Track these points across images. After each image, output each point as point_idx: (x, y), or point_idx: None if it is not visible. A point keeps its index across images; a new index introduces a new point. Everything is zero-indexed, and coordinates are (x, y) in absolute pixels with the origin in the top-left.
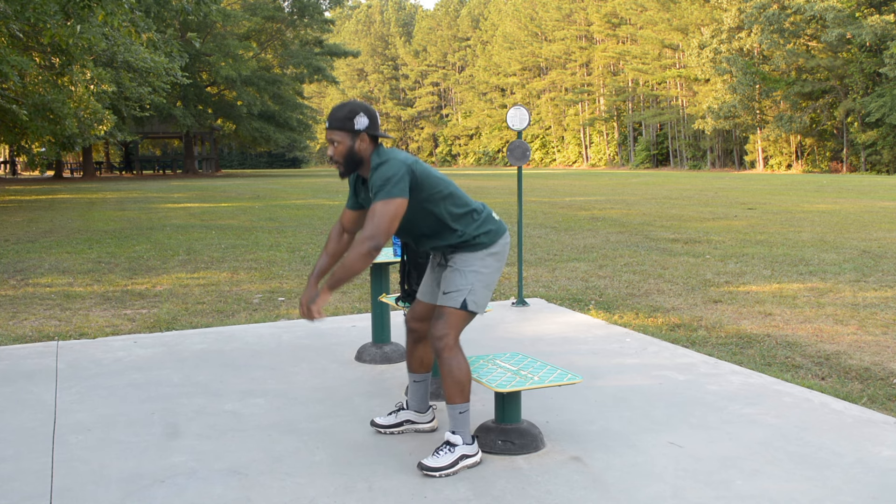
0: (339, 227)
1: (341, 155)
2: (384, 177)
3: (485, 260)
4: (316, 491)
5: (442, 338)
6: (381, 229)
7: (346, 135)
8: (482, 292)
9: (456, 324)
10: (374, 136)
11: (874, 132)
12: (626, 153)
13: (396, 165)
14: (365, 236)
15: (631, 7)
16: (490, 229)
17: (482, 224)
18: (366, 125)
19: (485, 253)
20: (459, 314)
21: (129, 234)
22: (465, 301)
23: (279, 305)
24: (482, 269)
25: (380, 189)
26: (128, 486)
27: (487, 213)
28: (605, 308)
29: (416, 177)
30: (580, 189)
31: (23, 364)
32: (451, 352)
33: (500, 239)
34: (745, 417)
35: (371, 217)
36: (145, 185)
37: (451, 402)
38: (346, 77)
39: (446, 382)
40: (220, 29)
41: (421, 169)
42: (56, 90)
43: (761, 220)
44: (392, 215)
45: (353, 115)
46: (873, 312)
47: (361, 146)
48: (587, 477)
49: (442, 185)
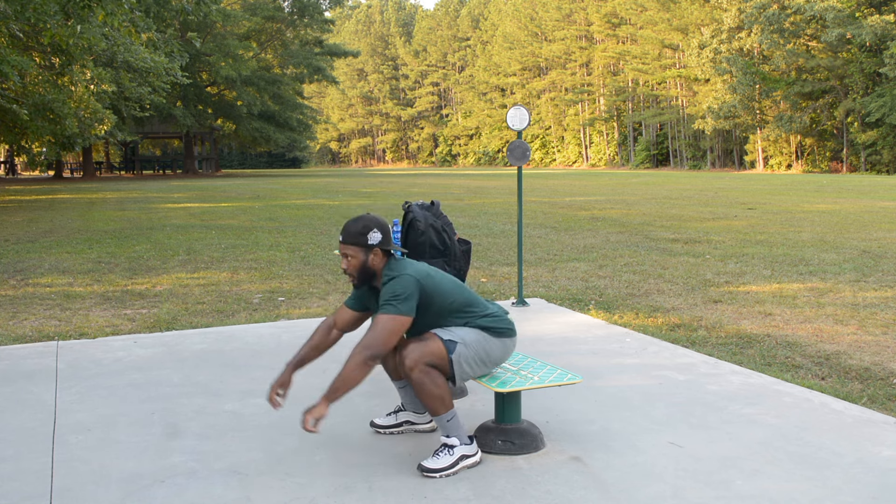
0: (331, 322)
1: (354, 269)
2: (394, 291)
3: (491, 340)
4: (316, 491)
5: (413, 368)
6: (380, 342)
7: (359, 249)
8: (473, 359)
9: (430, 358)
10: (386, 251)
11: (874, 132)
12: (626, 153)
13: (407, 281)
14: (363, 345)
15: (631, 7)
16: (503, 327)
17: (495, 321)
18: (379, 240)
19: (490, 335)
20: (441, 353)
21: (129, 234)
22: (456, 349)
23: (279, 305)
24: (484, 344)
25: (387, 302)
26: (128, 486)
27: (503, 316)
28: (605, 308)
29: (425, 292)
30: (580, 189)
31: (23, 364)
32: (420, 370)
33: (509, 336)
34: (745, 417)
35: (373, 328)
36: (145, 185)
37: (436, 415)
38: (346, 77)
39: (424, 399)
40: (220, 29)
41: (431, 284)
42: (56, 90)
43: (761, 220)
44: (393, 331)
45: (367, 231)
46: (873, 312)
47: (374, 260)
48: (587, 477)
49: (455, 297)
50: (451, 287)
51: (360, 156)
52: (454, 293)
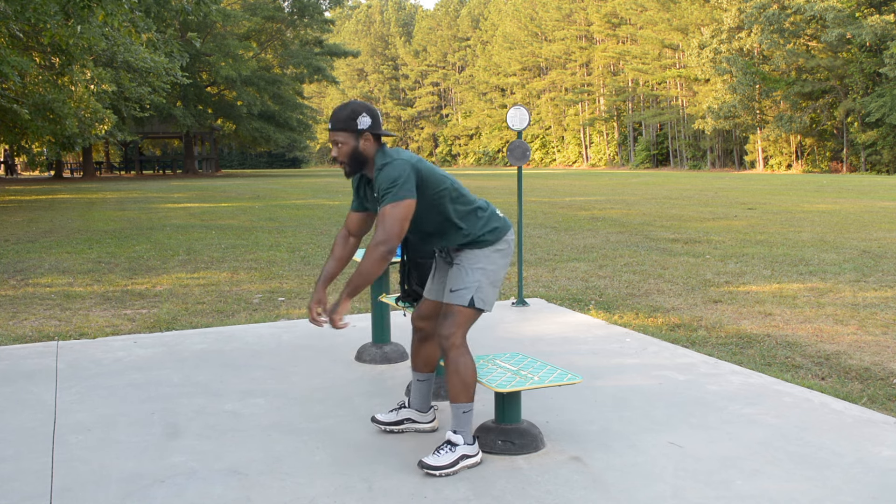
0: (345, 231)
1: (345, 155)
2: (390, 178)
3: (491, 257)
4: (316, 491)
5: (449, 336)
6: (392, 232)
7: (349, 135)
8: (489, 290)
9: (463, 322)
10: (377, 136)
11: (874, 132)
12: (626, 153)
13: (401, 166)
14: (377, 241)
15: (631, 7)
16: (495, 227)
17: (487, 221)
18: (369, 124)
19: (491, 250)
20: (467, 312)
21: (129, 234)
22: (472, 298)
23: (279, 305)
24: (488, 266)
25: (387, 192)
26: (128, 486)
27: (492, 211)
28: (605, 308)
29: (421, 176)
30: (580, 189)
31: (23, 364)
32: (457, 350)
33: (506, 235)
34: (745, 417)
35: (381, 221)
36: (145, 185)
37: (455, 401)
38: (346, 77)
39: (451, 381)
40: (220, 29)
41: (425, 167)
42: (56, 90)
43: (761, 220)
44: (402, 217)
45: (356, 115)
46: (873, 312)
47: (365, 146)
48: (587, 477)
49: (447, 183)
50: (441, 173)
51: None
52: (445, 179)
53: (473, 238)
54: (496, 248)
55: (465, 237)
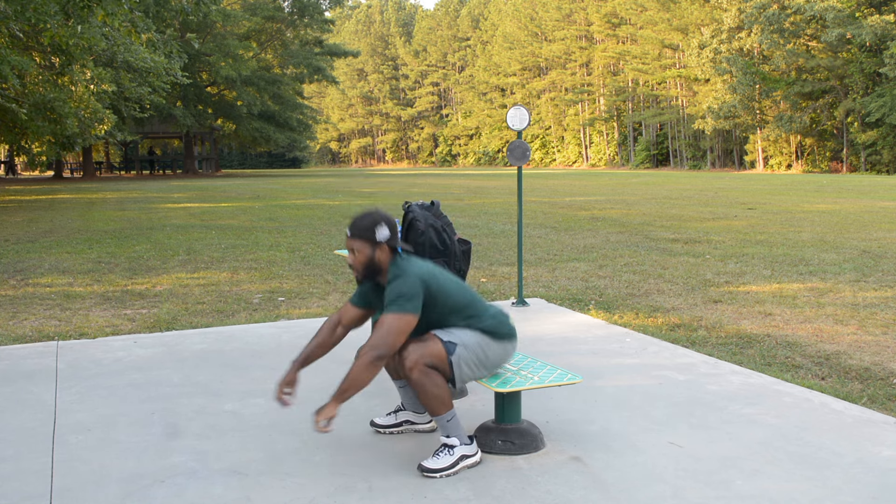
0: (336, 319)
1: (361, 264)
2: (398, 291)
3: (490, 344)
4: (316, 491)
5: (412, 369)
6: (386, 342)
7: (366, 245)
8: (472, 361)
9: (430, 359)
10: (392, 248)
11: (874, 132)
12: (626, 153)
13: (412, 282)
14: (370, 345)
15: (631, 7)
16: (504, 332)
17: (495, 322)
18: (387, 237)
19: (490, 339)
20: (441, 355)
21: (129, 234)
22: (456, 351)
23: (279, 305)
24: (485, 348)
25: (392, 302)
26: (128, 486)
27: (504, 320)
28: (605, 308)
29: (430, 292)
30: (580, 189)
31: (23, 364)
32: (419, 371)
33: (509, 341)
34: (745, 417)
35: (379, 328)
36: (145, 185)
37: (436, 415)
38: (346, 77)
39: (424, 400)
40: (220, 29)
41: (437, 284)
42: (56, 90)
43: (761, 220)
44: (400, 331)
45: (375, 227)
46: (873, 312)
47: (381, 256)
48: (587, 477)
49: (458, 297)
50: (455, 287)
51: (360, 156)
52: (457, 294)
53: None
54: (497, 342)
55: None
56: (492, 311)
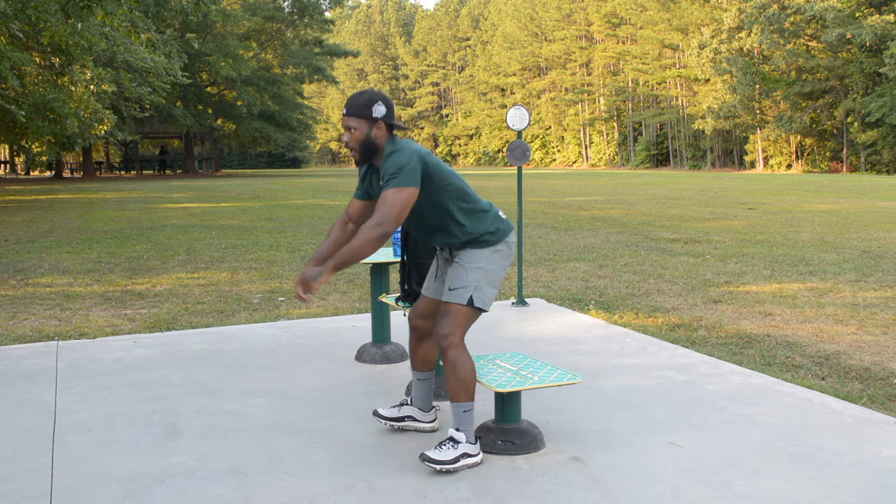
0: (346, 216)
1: (357, 142)
2: (397, 164)
3: (491, 257)
4: (316, 491)
5: (447, 336)
6: (391, 217)
7: (363, 122)
8: (488, 289)
9: (462, 321)
10: (390, 126)
11: (874, 132)
12: (626, 153)
13: (409, 154)
14: (374, 223)
15: (631, 7)
16: (497, 227)
17: (490, 222)
18: (383, 114)
19: (491, 250)
20: (466, 311)
21: (129, 234)
22: (471, 298)
23: (279, 305)
24: (488, 266)
25: (392, 177)
26: (128, 486)
27: (494, 212)
28: (605, 308)
29: (427, 167)
30: (580, 189)
31: (23, 364)
32: (456, 350)
33: (507, 237)
34: (745, 417)
35: (382, 204)
36: (145, 185)
37: (456, 401)
38: (346, 77)
39: (450, 381)
40: (220, 29)
41: (433, 161)
42: (56, 90)
43: (761, 220)
44: (403, 204)
45: (372, 103)
46: (873, 312)
47: (378, 134)
48: (587, 477)
49: (452, 179)
50: (448, 168)
51: None
52: (451, 175)
53: (475, 237)
54: (496, 249)
55: (466, 235)
56: (483, 203)
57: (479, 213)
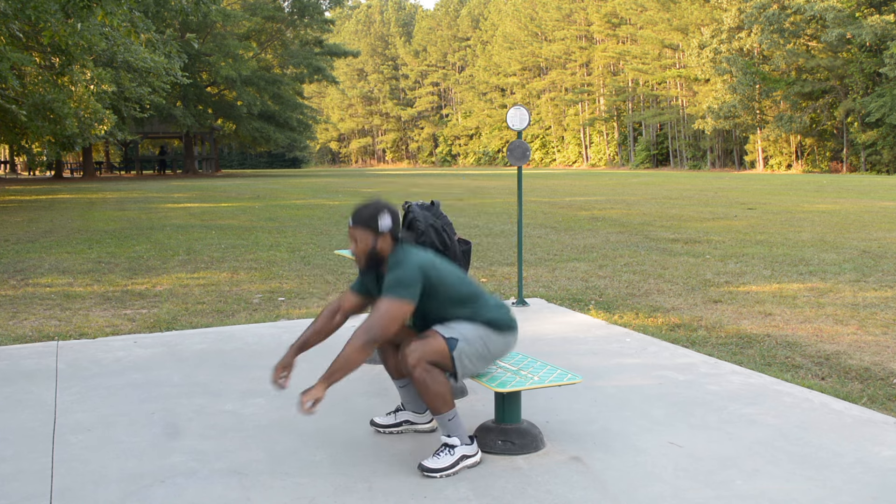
0: (336, 306)
1: (363, 253)
2: (397, 278)
3: (491, 336)
4: (316, 491)
5: (415, 366)
6: (380, 327)
7: (368, 234)
8: (474, 358)
9: (432, 356)
10: (395, 237)
11: (874, 132)
12: (626, 153)
13: (411, 269)
14: (364, 328)
15: (631, 7)
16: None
17: (496, 315)
18: (389, 227)
19: (492, 331)
20: (443, 351)
21: (129, 234)
22: (458, 346)
23: (279, 305)
24: (486, 341)
25: (390, 289)
26: (128, 486)
27: (505, 312)
28: (605, 308)
29: (430, 281)
30: (580, 189)
31: (23, 364)
32: (422, 369)
33: (510, 333)
34: (745, 417)
35: (375, 310)
36: (145, 185)
37: (438, 413)
38: (346, 77)
39: (426, 398)
40: (220, 29)
41: (437, 275)
42: (56, 90)
43: (761, 220)
44: (394, 317)
45: (377, 216)
46: (873, 312)
47: (383, 246)
48: (587, 477)
49: (459, 288)
50: (456, 279)
51: (360, 156)
52: (458, 285)
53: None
54: (498, 334)
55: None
56: (493, 303)
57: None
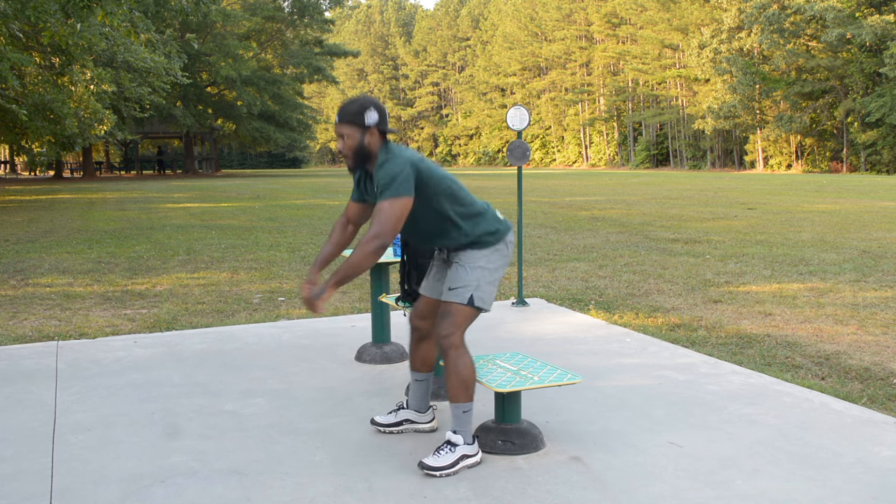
0: (345, 218)
1: (350, 149)
2: (390, 175)
3: (490, 256)
4: (316, 491)
5: (448, 336)
6: (387, 228)
7: (355, 129)
8: (488, 289)
9: (462, 321)
10: (382, 132)
11: (874, 132)
12: (626, 153)
13: (402, 163)
14: (371, 235)
15: (631, 7)
16: (496, 228)
17: (487, 223)
18: (376, 121)
19: (490, 250)
20: (466, 311)
21: (129, 234)
22: (471, 297)
23: (279, 305)
24: (487, 266)
25: (385, 187)
26: (128, 486)
27: (492, 213)
28: (605, 308)
29: (421, 175)
30: (580, 189)
31: (23, 364)
32: (457, 350)
33: (506, 237)
34: (745, 417)
35: (377, 215)
36: (145, 185)
37: (455, 401)
38: (346, 77)
39: (451, 381)
40: (220, 29)
41: (426, 167)
42: (56, 90)
43: (761, 220)
44: (398, 214)
45: (364, 110)
46: (873, 312)
47: (370, 141)
48: (587, 477)
49: (447, 183)
50: (442, 172)
51: None
52: (446, 178)
53: (473, 239)
54: (495, 249)
55: (464, 237)
56: (480, 204)
57: (477, 215)
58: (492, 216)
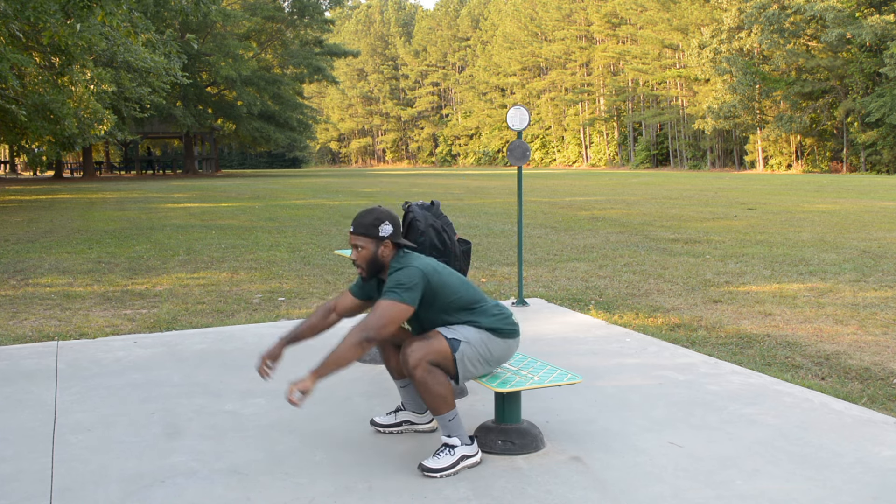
0: (331, 305)
1: (364, 260)
2: (398, 281)
3: (491, 337)
4: (316, 491)
5: (416, 367)
6: (377, 327)
7: (370, 241)
8: (476, 358)
9: (434, 356)
10: (396, 244)
11: (874, 132)
12: (626, 153)
13: (413, 274)
14: (361, 325)
15: (631, 7)
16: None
17: (497, 320)
18: (390, 233)
19: (492, 335)
20: (445, 352)
21: (129, 234)
22: (460, 346)
23: (279, 305)
24: (485, 340)
25: (391, 290)
26: (128, 486)
27: (507, 315)
28: (605, 308)
29: (431, 286)
30: (580, 189)
31: (23, 364)
32: (422, 370)
33: (510, 338)
34: (745, 417)
35: (374, 311)
36: (145, 185)
37: (438, 414)
38: (346, 77)
39: (426, 399)
40: (220, 29)
41: (438, 280)
42: (56, 90)
43: (761, 220)
44: (392, 318)
45: (379, 223)
46: (873, 312)
47: (384, 252)
48: (587, 477)
49: (461, 293)
50: (457, 284)
51: (360, 156)
52: (459, 290)
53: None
54: (500, 335)
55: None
56: (494, 309)
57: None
58: (506, 319)
